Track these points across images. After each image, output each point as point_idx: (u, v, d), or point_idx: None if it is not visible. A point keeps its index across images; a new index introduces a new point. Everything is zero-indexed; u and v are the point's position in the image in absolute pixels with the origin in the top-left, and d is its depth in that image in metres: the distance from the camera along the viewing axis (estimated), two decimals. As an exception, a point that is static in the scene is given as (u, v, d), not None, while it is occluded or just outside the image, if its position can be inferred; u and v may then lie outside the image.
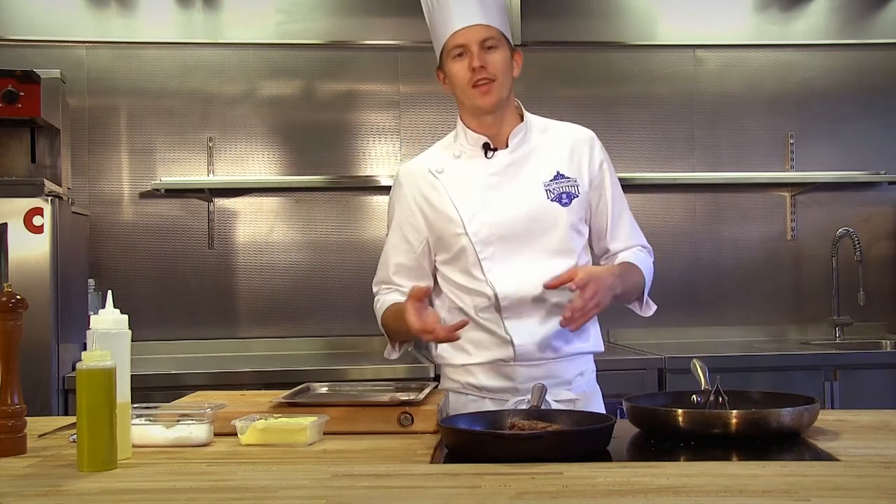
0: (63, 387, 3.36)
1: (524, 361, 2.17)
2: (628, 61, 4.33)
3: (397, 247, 2.28)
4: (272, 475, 1.51)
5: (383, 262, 2.32)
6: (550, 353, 2.18)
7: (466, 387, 2.22)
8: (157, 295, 4.09)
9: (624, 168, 4.25)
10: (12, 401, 1.70)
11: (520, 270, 2.16)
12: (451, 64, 2.16)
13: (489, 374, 2.20)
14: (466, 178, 2.21)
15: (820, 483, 1.41)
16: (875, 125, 4.37)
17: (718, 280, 4.30)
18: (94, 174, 4.09)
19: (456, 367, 2.24)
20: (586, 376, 2.28)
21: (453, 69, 2.16)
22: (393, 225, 2.30)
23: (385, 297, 2.28)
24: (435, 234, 2.23)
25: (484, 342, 2.19)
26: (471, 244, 2.16)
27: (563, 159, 2.23)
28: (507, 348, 2.17)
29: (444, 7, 2.16)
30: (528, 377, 2.15)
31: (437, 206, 2.22)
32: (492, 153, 2.21)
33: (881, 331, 4.31)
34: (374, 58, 4.22)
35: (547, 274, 2.14)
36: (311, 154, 4.18)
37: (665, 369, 3.56)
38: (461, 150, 2.25)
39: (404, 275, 2.27)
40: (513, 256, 2.16)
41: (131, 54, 4.12)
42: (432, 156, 2.30)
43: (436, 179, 2.23)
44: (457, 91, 2.20)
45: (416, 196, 2.25)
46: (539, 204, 2.18)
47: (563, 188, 2.20)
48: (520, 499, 1.34)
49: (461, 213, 2.18)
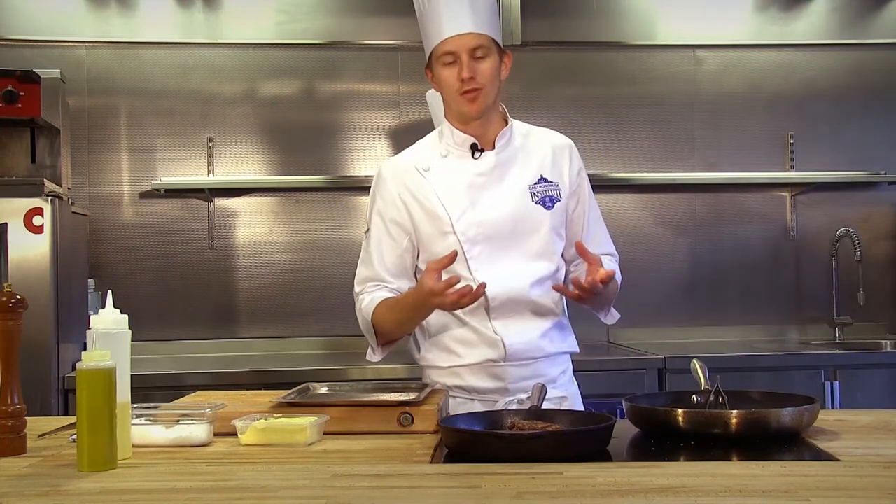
0: (63, 387, 3.36)
1: (514, 361, 2.18)
2: (628, 61, 4.32)
3: (382, 243, 2.25)
4: (272, 475, 1.51)
5: (367, 258, 2.27)
6: (538, 352, 2.21)
7: (455, 389, 2.21)
8: (157, 295, 4.09)
9: (624, 168, 4.26)
10: (12, 401, 1.70)
11: (506, 271, 2.17)
12: (441, 69, 2.17)
13: (479, 375, 2.20)
14: (453, 176, 2.22)
15: (820, 483, 1.41)
16: (875, 125, 4.37)
17: (718, 280, 4.30)
18: (94, 174, 4.09)
19: (442, 370, 2.23)
20: (567, 375, 2.32)
21: (442, 74, 2.17)
22: (376, 221, 2.27)
23: (374, 293, 2.23)
24: (420, 232, 2.22)
25: (472, 343, 2.19)
26: (458, 243, 2.17)
27: (546, 164, 2.26)
28: (497, 348, 2.17)
29: (435, 11, 2.16)
30: (519, 377, 2.17)
31: (424, 204, 2.21)
32: (479, 153, 2.23)
33: (881, 331, 4.31)
34: (373, 58, 4.22)
35: (532, 275, 2.18)
36: (311, 154, 4.18)
37: (665, 369, 3.56)
38: (448, 149, 2.25)
39: (392, 272, 2.25)
40: (498, 257, 2.18)
41: (131, 54, 4.12)
42: (417, 153, 2.30)
43: (422, 177, 2.23)
44: (444, 95, 2.22)
45: (402, 192, 2.24)
46: (524, 206, 2.21)
47: (547, 192, 2.23)
48: (520, 499, 1.34)
49: (449, 212, 2.18)
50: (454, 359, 2.21)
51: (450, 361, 2.21)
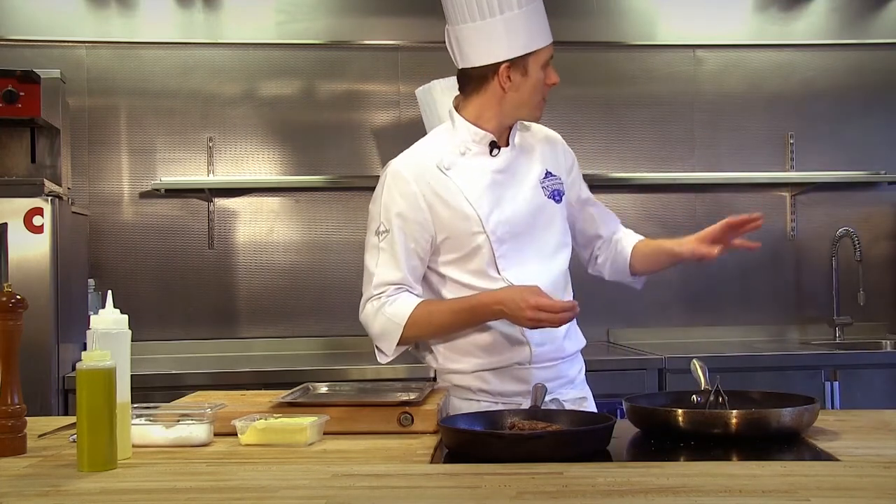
0: (63, 387, 3.36)
1: (539, 363, 2.17)
2: (628, 61, 4.32)
3: (407, 245, 2.15)
4: (272, 475, 1.51)
5: (391, 261, 2.15)
6: (561, 353, 2.21)
7: (478, 393, 2.18)
8: (157, 295, 4.09)
9: (624, 168, 4.26)
10: (12, 401, 1.70)
11: (530, 268, 2.17)
12: (540, 70, 2.17)
13: (503, 378, 2.17)
14: (475, 175, 2.18)
15: (820, 483, 1.41)
16: (875, 125, 4.37)
17: (718, 280, 4.30)
18: (94, 174, 4.09)
19: (465, 374, 2.18)
20: (582, 374, 2.32)
21: (540, 75, 2.17)
22: (397, 223, 2.16)
23: (397, 296, 2.15)
24: (446, 233, 2.16)
25: (498, 346, 2.16)
26: (488, 242, 2.14)
27: (548, 158, 2.28)
28: (524, 350, 2.16)
29: (536, 12, 2.17)
30: (542, 379, 2.13)
31: (450, 203, 2.15)
32: (497, 151, 2.21)
33: (881, 331, 4.31)
34: (374, 58, 4.22)
35: (553, 272, 2.20)
36: (311, 154, 4.18)
37: (665, 369, 3.56)
38: (465, 146, 2.20)
39: (416, 275, 2.18)
40: (522, 254, 2.18)
41: (131, 54, 4.11)
42: (433, 150, 2.22)
43: (446, 177, 2.17)
44: (523, 94, 2.17)
45: (427, 193, 2.15)
46: (540, 201, 2.22)
47: (554, 185, 2.25)
48: (520, 499, 1.34)
49: (478, 211, 2.15)
50: (477, 363, 2.17)
51: (473, 366, 2.17)
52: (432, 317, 2.14)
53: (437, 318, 2.14)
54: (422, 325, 2.14)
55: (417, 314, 2.12)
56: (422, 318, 2.13)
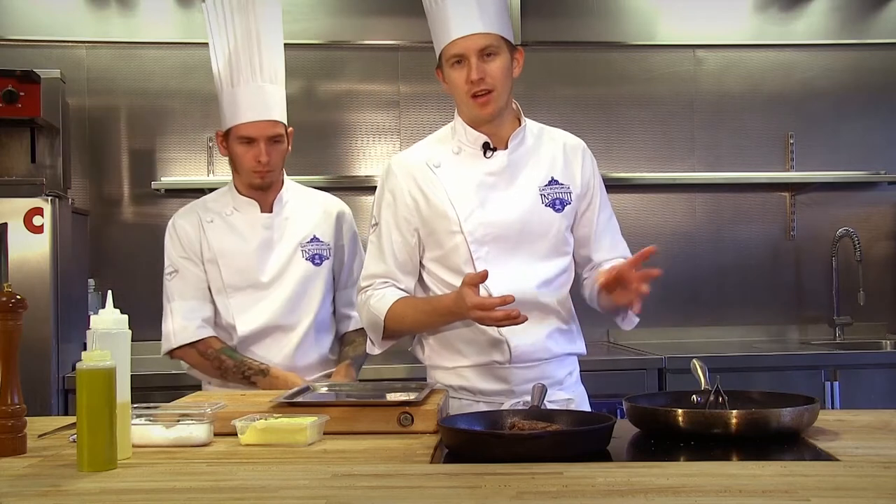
0: (63, 387, 3.36)
1: (519, 363, 2.17)
2: (628, 61, 4.32)
3: (393, 239, 2.21)
4: (272, 475, 1.51)
5: (377, 254, 2.22)
6: (544, 353, 2.19)
7: (459, 390, 2.20)
8: (157, 295, 4.06)
9: (624, 168, 4.26)
10: (12, 401, 1.70)
11: (513, 272, 2.15)
12: (450, 70, 2.15)
13: (483, 376, 2.18)
14: (464, 175, 2.19)
15: (820, 483, 1.41)
16: (875, 125, 4.37)
17: (718, 280, 4.30)
18: (94, 174, 4.09)
19: (447, 370, 2.21)
20: (574, 376, 2.30)
21: (451, 76, 2.15)
22: (386, 217, 2.22)
23: (384, 290, 2.20)
24: (427, 229, 2.19)
25: (477, 344, 2.17)
26: (465, 242, 2.15)
27: (558, 166, 2.24)
28: (502, 350, 2.16)
29: (442, 11, 2.13)
30: (523, 379, 2.15)
31: (432, 201, 2.18)
32: (491, 153, 2.20)
33: (881, 331, 4.31)
34: (373, 58, 4.22)
35: (539, 276, 2.16)
36: (311, 154, 4.17)
37: (665, 369, 3.56)
38: (460, 146, 2.22)
39: (403, 269, 2.22)
40: (505, 258, 2.16)
41: (131, 54, 4.11)
42: (428, 149, 2.26)
43: (433, 174, 2.20)
44: (455, 97, 2.19)
45: (412, 188, 2.20)
46: (534, 208, 2.19)
47: (557, 194, 2.21)
48: (520, 499, 1.34)
49: (458, 211, 2.16)
50: (459, 359, 2.19)
51: (454, 362, 2.20)
52: (406, 315, 2.17)
53: (411, 315, 2.18)
54: (399, 321, 2.18)
55: (394, 310, 2.17)
56: (398, 314, 2.17)
